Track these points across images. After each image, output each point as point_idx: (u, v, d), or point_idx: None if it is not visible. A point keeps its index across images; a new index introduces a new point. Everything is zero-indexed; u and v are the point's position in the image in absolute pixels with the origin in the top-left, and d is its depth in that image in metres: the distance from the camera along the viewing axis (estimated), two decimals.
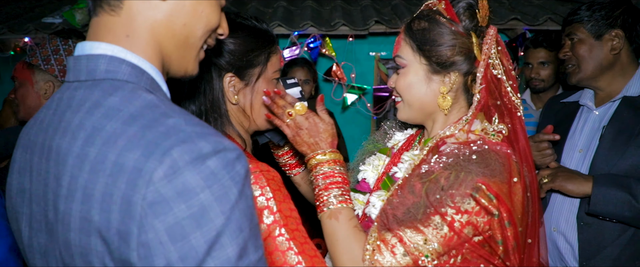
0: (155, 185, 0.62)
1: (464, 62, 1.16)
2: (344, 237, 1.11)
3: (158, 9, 0.77)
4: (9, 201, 0.84)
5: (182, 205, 0.62)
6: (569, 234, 1.80)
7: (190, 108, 1.15)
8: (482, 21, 1.16)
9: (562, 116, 2.01)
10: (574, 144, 1.90)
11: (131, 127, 0.67)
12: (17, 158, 0.82)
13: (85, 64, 0.76)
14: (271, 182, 1.08)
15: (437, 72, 1.17)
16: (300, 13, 3.83)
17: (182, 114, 0.71)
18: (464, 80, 1.18)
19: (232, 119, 1.19)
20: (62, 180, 0.70)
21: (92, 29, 0.79)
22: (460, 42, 1.14)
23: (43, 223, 0.76)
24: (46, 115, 0.79)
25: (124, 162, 0.64)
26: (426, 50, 1.17)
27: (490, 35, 1.17)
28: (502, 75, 1.17)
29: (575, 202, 1.79)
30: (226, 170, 0.66)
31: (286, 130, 1.20)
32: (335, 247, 1.12)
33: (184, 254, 0.62)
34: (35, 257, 0.80)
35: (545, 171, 1.80)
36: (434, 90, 1.19)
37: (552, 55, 2.76)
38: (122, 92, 0.72)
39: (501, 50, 1.19)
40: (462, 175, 1.04)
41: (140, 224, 0.62)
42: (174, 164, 0.63)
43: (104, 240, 0.66)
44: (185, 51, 0.84)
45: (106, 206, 0.65)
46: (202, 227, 0.63)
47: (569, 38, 1.91)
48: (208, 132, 0.68)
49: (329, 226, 1.14)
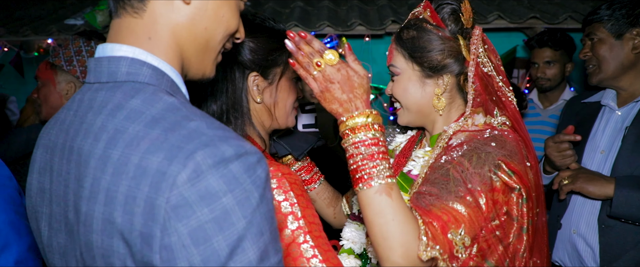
0: (179, 188, 0.62)
1: (454, 64, 1.20)
2: (401, 217, 0.97)
3: (181, 12, 0.78)
4: (29, 200, 0.85)
5: (205, 209, 0.63)
6: (589, 237, 1.77)
7: (211, 108, 1.16)
8: (467, 23, 1.22)
9: (583, 117, 1.98)
10: (595, 145, 1.86)
11: (154, 130, 0.67)
12: (38, 158, 0.83)
13: (107, 65, 0.76)
14: (294, 186, 1.08)
15: (430, 76, 1.22)
16: (316, 13, 3.83)
17: (204, 117, 0.71)
18: (457, 81, 1.23)
19: (253, 119, 1.20)
20: (84, 182, 0.70)
21: (113, 30, 0.80)
22: (448, 46, 1.19)
23: (63, 223, 0.77)
24: (67, 116, 0.79)
25: (147, 165, 0.65)
26: (417, 57, 1.21)
27: (475, 35, 1.22)
28: (492, 71, 1.21)
29: (597, 204, 1.76)
30: (248, 174, 0.66)
31: (312, 83, 1.05)
32: (387, 228, 0.98)
33: (206, 257, 0.63)
34: (55, 257, 0.81)
35: (566, 172, 1.77)
36: (429, 93, 1.23)
37: (557, 54, 2.75)
38: (144, 95, 0.72)
39: (488, 48, 1.24)
40: (483, 156, 1.08)
41: (164, 227, 0.63)
42: (197, 167, 0.63)
43: (126, 242, 0.66)
44: (204, 54, 0.84)
45: (129, 208, 0.65)
46: (224, 231, 0.63)
47: (588, 38, 1.88)
48: (229, 135, 0.69)
49: (378, 204, 0.98)
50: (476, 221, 1.04)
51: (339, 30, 3.60)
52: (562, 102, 2.79)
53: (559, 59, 2.76)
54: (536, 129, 2.78)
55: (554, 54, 2.75)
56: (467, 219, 1.02)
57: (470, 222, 1.03)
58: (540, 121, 2.84)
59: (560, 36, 2.74)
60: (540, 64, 2.79)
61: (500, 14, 3.44)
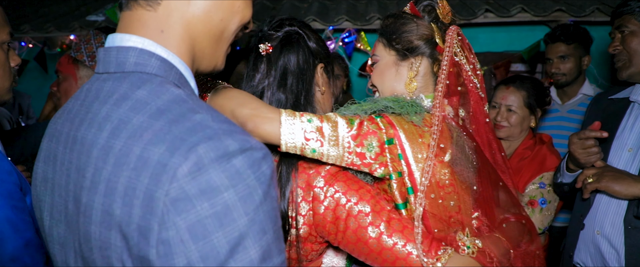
0: (179, 181, 0.61)
1: (425, 46, 1.26)
2: None
3: (196, 5, 0.77)
4: (34, 189, 0.84)
5: (205, 203, 0.61)
6: (614, 238, 1.70)
7: (276, 96, 1.19)
8: (444, 18, 1.28)
9: (609, 113, 1.90)
10: (622, 142, 1.79)
11: (158, 121, 0.66)
12: (44, 147, 0.83)
13: (115, 56, 0.75)
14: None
15: (404, 58, 1.28)
16: (335, 7, 3.80)
17: (209, 110, 0.69)
18: (431, 68, 1.28)
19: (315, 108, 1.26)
20: (86, 172, 0.69)
21: (123, 21, 0.78)
22: (421, 29, 1.26)
23: (63, 214, 0.76)
24: (74, 105, 0.79)
25: (149, 156, 0.63)
26: (393, 40, 1.29)
27: (451, 30, 1.26)
28: (464, 62, 1.25)
29: (623, 204, 1.69)
30: (252, 169, 0.64)
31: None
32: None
33: (205, 254, 0.61)
34: (55, 247, 0.80)
35: (590, 170, 1.70)
36: (402, 76, 1.28)
37: (571, 49, 2.71)
38: (150, 86, 0.71)
39: (463, 42, 1.28)
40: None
41: (162, 220, 0.61)
42: (199, 160, 0.61)
43: (123, 235, 0.65)
44: (217, 45, 0.84)
45: (128, 200, 0.63)
46: (224, 227, 0.61)
47: (619, 31, 1.80)
48: (235, 130, 0.67)
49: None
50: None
51: (358, 25, 3.56)
52: (581, 96, 2.75)
53: (573, 53, 2.72)
54: (555, 125, 2.74)
55: (568, 48, 2.71)
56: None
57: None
58: (559, 117, 2.79)
59: (573, 30, 2.71)
60: (554, 60, 2.76)
61: (523, 6, 3.35)
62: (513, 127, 2.23)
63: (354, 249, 1.09)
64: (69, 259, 0.77)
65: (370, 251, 1.06)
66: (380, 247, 1.06)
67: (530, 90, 2.23)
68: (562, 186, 1.94)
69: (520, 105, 2.21)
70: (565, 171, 1.90)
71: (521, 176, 2.19)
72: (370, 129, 1.09)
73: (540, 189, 2.13)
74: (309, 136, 1.05)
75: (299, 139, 1.05)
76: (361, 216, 1.06)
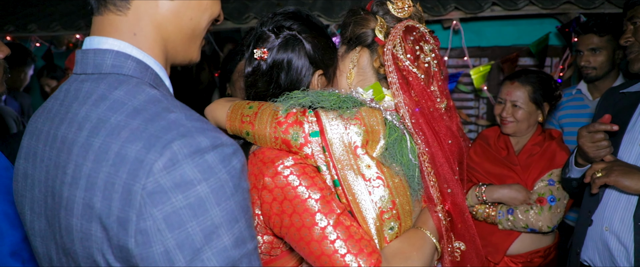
0: (155, 176, 0.66)
1: (364, 36, 1.25)
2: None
3: (165, 7, 0.81)
4: (15, 185, 0.88)
5: (179, 195, 0.66)
6: (623, 235, 1.66)
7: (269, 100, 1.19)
8: (399, 12, 1.24)
9: (621, 107, 1.85)
10: (633, 137, 1.74)
11: (134, 120, 0.70)
12: (25, 144, 0.86)
13: (93, 58, 0.79)
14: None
15: (349, 50, 1.28)
16: (340, 3, 3.78)
17: (183, 110, 0.74)
18: (370, 61, 1.25)
19: None
20: (67, 168, 0.74)
21: (95, 25, 0.82)
22: (361, 20, 1.26)
23: (43, 208, 0.80)
24: (54, 105, 0.83)
25: (127, 153, 0.68)
26: (342, 34, 1.31)
27: (401, 23, 1.23)
28: (402, 55, 1.20)
29: (633, 200, 1.65)
30: (223, 164, 0.70)
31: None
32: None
33: (180, 242, 0.66)
34: (36, 240, 0.85)
35: (599, 164, 1.66)
36: (346, 67, 1.29)
37: (604, 41, 2.55)
38: (127, 87, 0.76)
39: (415, 37, 1.22)
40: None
41: (139, 212, 0.66)
42: (173, 156, 0.67)
43: (103, 226, 0.69)
44: (190, 43, 0.88)
45: (108, 193, 0.68)
46: (198, 217, 0.67)
47: (631, 22, 1.76)
48: (207, 127, 0.72)
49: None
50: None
51: None
52: None
53: (605, 46, 2.55)
54: (584, 122, 2.57)
55: (600, 41, 2.55)
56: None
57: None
58: (589, 113, 2.65)
59: (608, 21, 2.54)
60: (584, 52, 2.60)
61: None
62: (519, 123, 2.19)
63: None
64: (51, 251, 0.82)
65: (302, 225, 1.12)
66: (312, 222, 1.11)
67: (535, 84, 2.18)
68: (571, 181, 1.90)
69: (525, 101, 2.17)
70: (574, 166, 1.86)
71: (530, 172, 2.15)
72: (298, 119, 1.13)
73: (549, 186, 2.09)
74: (245, 119, 1.15)
75: (237, 122, 1.16)
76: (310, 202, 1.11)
